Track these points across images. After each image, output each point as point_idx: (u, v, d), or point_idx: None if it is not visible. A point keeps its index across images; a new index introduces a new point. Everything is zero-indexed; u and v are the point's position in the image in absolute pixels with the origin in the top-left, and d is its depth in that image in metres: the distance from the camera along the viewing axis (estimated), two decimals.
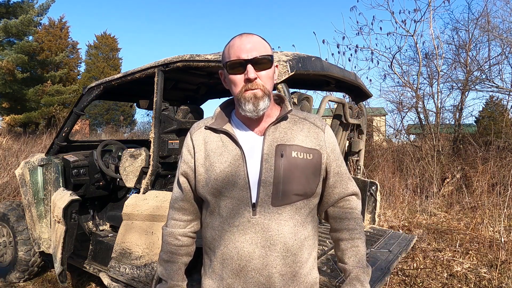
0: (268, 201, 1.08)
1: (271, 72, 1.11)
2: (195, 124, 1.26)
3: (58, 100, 18.98)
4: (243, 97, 1.07)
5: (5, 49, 16.51)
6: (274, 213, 1.08)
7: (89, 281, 3.23)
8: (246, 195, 1.08)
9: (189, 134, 1.24)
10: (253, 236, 1.08)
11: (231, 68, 1.09)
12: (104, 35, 27.91)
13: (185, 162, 1.21)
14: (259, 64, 1.07)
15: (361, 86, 2.80)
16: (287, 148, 1.11)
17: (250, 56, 1.06)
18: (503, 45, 8.58)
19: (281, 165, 1.09)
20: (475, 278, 3.33)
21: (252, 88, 1.07)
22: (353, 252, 1.19)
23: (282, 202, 1.09)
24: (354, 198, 1.26)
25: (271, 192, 1.08)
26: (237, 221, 1.09)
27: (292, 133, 1.15)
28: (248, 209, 1.08)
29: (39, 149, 8.40)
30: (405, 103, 9.07)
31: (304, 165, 1.11)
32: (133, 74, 2.40)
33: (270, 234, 1.08)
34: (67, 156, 2.96)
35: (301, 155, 1.12)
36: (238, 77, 1.08)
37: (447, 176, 6.66)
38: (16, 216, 3.17)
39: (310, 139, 1.16)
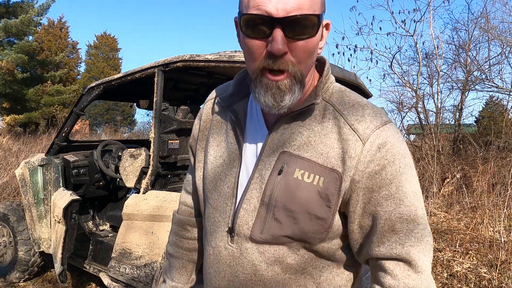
0: (246, 233, 0.73)
1: (314, 43, 0.66)
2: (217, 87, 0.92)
3: (58, 100, 18.99)
4: (260, 82, 0.67)
5: (5, 49, 16.50)
6: (253, 251, 0.73)
7: (89, 281, 3.23)
8: (228, 212, 0.76)
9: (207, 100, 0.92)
10: (226, 269, 0.76)
11: (247, 27, 0.65)
12: (104, 35, 27.90)
13: (193, 135, 0.92)
14: (296, 29, 0.63)
15: (361, 86, 2.80)
16: (291, 161, 0.71)
17: (282, 11, 0.62)
18: (502, 45, 8.59)
19: (275, 187, 0.71)
20: (475, 278, 3.33)
21: (275, 69, 0.65)
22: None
23: (264, 240, 0.72)
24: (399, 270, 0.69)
25: (252, 221, 0.73)
26: (213, 241, 0.79)
27: (311, 138, 0.72)
28: (226, 231, 0.76)
29: (39, 149, 8.40)
30: (405, 103, 9.07)
31: (309, 195, 0.70)
32: (133, 74, 2.40)
33: (243, 277, 0.74)
34: (67, 156, 2.96)
35: (310, 177, 0.70)
36: (258, 43, 0.65)
37: (447, 176, 6.66)
38: (16, 216, 3.16)
39: (336, 152, 0.70)
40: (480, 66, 8.76)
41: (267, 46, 0.64)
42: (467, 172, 6.58)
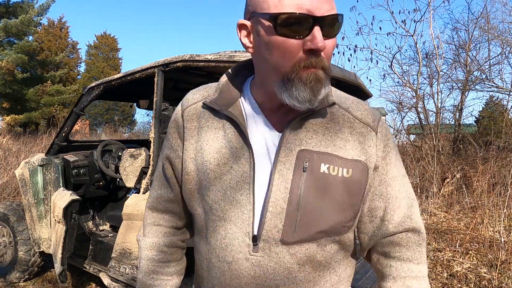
0: (276, 236, 0.72)
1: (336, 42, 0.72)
2: (189, 94, 0.85)
3: (58, 100, 19.00)
4: (299, 77, 0.67)
5: (5, 49, 16.52)
6: (285, 254, 0.72)
7: (89, 281, 3.23)
8: (247, 221, 0.73)
9: (179, 109, 0.84)
10: (251, 281, 0.73)
11: (285, 26, 0.65)
12: (104, 35, 27.91)
13: (171, 146, 0.84)
14: (330, 28, 0.67)
15: (361, 86, 2.80)
16: (314, 157, 0.73)
17: (320, 11, 0.64)
18: (503, 45, 8.59)
19: (302, 184, 0.71)
20: (475, 278, 3.33)
21: (316, 65, 0.67)
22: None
23: (298, 239, 0.72)
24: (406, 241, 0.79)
25: (282, 224, 0.72)
26: (229, 255, 0.74)
27: (326, 135, 0.75)
28: (247, 241, 0.72)
29: (39, 149, 8.40)
30: (405, 103, 9.09)
31: (338, 186, 0.72)
32: (133, 74, 2.40)
33: (276, 283, 0.73)
34: (67, 156, 2.96)
35: (335, 170, 0.72)
36: (294, 42, 0.66)
37: (447, 176, 6.66)
38: (16, 216, 3.17)
39: (354, 144, 0.76)
40: (480, 66, 8.77)
41: (303, 45, 0.66)
42: (467, 172, 6.58)
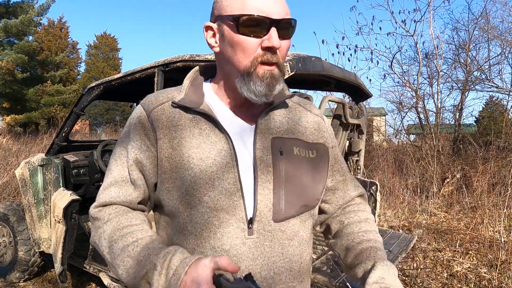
0: (268, 215, 0.79)
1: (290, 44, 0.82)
2: (150, 97, 0.88)
3: (58, 100, 19.01)
4: (256, 73, 0.76)
5: (5, 49, 16.52)
6: (277, 231, 0.80)
7: (89, 281, 3.23)
8: (239, 207, 0.78)
9: (143, 111, 0.85)
10: (250, 264, 0.78)
11: (245, 26, 0.75)
12: (104, 35, 27.92)
13: (140, 148, 0.83)
14: (285, 30, 0.77)
15: (361, 86, 2.80)
16: (286, 142, 0.84)
17: (277, 14, 0.75)
18: (503, 45, 8.59)
19: (282, 166, 0.82)
20: (475, 278, 3.33)
21: (272, 61, 0.76)
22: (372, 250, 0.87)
23: (286, 216, 0.81)
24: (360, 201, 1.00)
25: (271, 203, 0.80)
26: (226, 243, 0.78)
27: (290, 123, 0.88)
28: (242, 226, 0.78)
29: (39, 149, 8.40)
30: (405, 103, 9.08)
31: (308, 165, 0.86)
32: (133, 74, 2.40)
33: (273, 260, 0.80)
34: (67, 156, 2.96)
35: (303, 152, 0.86)
36: (253, 41, 0.75)
37: (447, 176, 6.66)
38: (16, 216, 3.17)
39: (311, 131, 0.91)
40: (480, 66, 8.77)
41: (261, 43, 0.76)
42: (467, 172, 6.58)
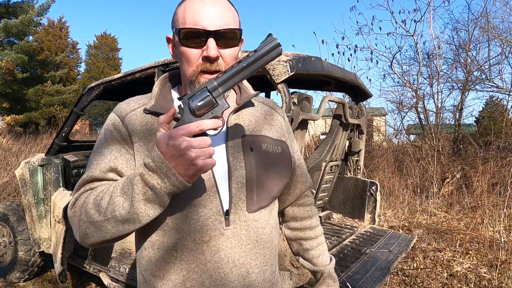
0: (242, 207, 0.87)
1: (237, 51, 0.88)
2: (122, 104, 0.93)
3: (58, 100, 19.00)
4: (198, 81, 0.84)
5: (5, 49, 16.51)
6: (251, 221, 0.88)
7: (89, 281, 3.23)
8: (215, 201, 0.85)
9: (117, 117, 0.90)
10: (229, 252, 0.85)
11: (185, 38, 0.83)
12: (104, 35, 27.90)
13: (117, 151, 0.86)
14: (224, 39, 0.83)
15: (361, 86, 2.80)
16: (255, 139, 0.92)
17: (213, 26, 0.81)
18: (503, 45, 8.59)
19: (253, 161, 0.89)
20: (475, 278, 3.33)
21: (211, 70, 0.83)
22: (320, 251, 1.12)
23: (258, 206, 0.89)
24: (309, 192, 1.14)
25: (244, 195, 0.87)
26: (206, 235, 0.84)
27: (257, 122, 0.96)
28: (219, 219, 0.85)
29: (39, 149, 8.40)
30: (405, 103, 9.09)
31: (275, 159, 0.93)
32: (133, 74, 2.40)
33: (249, 247, 0.88)
34: (67, 156, 2.96)
35: (270, 148, 0.93)
36: (194, 51, 0.83)
37: (447, 176, 6.65)
38: (16, 216, 3.17)
39: (275, 128, 0.98)
40: (480, 66, 8.77)
41: (202, 53, 0.82)
42: (467, 172, 6.58)
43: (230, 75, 0.76)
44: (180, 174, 0.72)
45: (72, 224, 0.85)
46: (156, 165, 0.72)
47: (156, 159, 0.73)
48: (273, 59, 0.76)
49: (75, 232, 0.84)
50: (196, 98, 0.76)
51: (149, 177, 0.73)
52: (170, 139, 0.71)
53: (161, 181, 0.73)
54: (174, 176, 0.72)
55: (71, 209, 0.85)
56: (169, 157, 0.71)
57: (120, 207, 0.76)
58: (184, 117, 0.77)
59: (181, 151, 0.70)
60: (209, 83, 0.76)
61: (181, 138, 0.70)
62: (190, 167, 0.71)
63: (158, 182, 0.73)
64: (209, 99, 0.76)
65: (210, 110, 0.77)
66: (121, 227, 0.78)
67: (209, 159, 0.71)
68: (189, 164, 0.70)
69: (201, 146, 0.71)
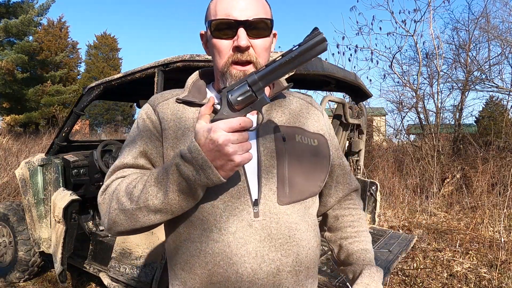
0: (273, 198, 0.82)
1: (269, 42, 0.86)
2: (156, 95, 0.95)
3: (58, 100, 19.00)
4: (230, 73, 0.83)
5: (5, 49, 16.51)
6: (282, 214, 0.82)
7: (89, 281, 3.23)
8: (243, 191, 0.81)
9: (149, 106, 0.92)
10: (257, 245, 0.79)
11: (217, 30, 0.82)
12: (104, 35, 27.90)
13: (148, 138, 0.88)
14: (255, 29, 0.82)
15: (361, 86, 2.80)
16: (288, 130, 0.88)
17: (244, 16, 0.80)
18: (503, 45, 8.59)
19: (285, 151, 0.84)
20: (475, 278, 3.33)
21: (242, 60, 0.81)
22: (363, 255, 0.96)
23: (290, 199, 0.83)
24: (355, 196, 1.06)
25: (275, 186, 0.82)
26: (233, 226, 0.79)
27: (291, 114, 0.92)
28: (247, 209, 0.80)
29: (39, 149, 8.40)
30: (405, 103, 9.08)
31: (310, 152, 0.88)
32: (133, 74, 2.40)
33: (280, 242, 0.81)
34: (67, 156, 2.96)
35: (305, 140, 0.89)
36: (225, 43, 0.82)
37: (447, 176, 6.65)
38: (16, 216, 3.16)
39: (311, 121, 0.94)
40: (480, 66, 8.76)
41: (233, 44, 0.82)
42: (467, 172, 6.58)
43: (271, 69, 0.73)
44: (216, 168, 0.70)
45: (101, 211, 0.84)
46: (192, 156, 0.71)
47: (193, 150, 0.71)
48: (317, 55, 0.71)
49: (103, 219, 0.83)
50: (236, 92, 0.74)
51: (184, 168, 0.72)
52: (209, 132, 0.69)
53: (196, 173, 0.71)
54: (210, 169, 0.70)
55: (101, 196, 0.84)
56: (206, 151, 0.70)
57: (154, 197, 0.75)
58: (222, 110, 0.75)
59: (219, 146, 0.68)
60: (250, 76, 0.74)
61: (220, 132, 0.68)
62: (228, 162, 0.70)
63: (193, 174, 0.71)
64: (249, 94, 0.73)
65: (249, 105, 0.75)
66: (152, 216, 0.77)
67: (246, 154, 0.70)
68: (226, 159, 0.69)
69: (239, 141, 0.70)
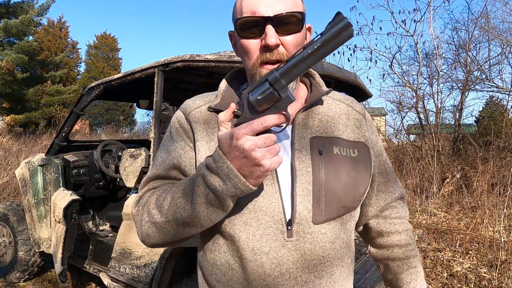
0: (308, 217, 0.76)
1: (301, 38, 0.78)
2: (188, 101, 0.90)
3: (58, 100, 18.99)
4: (259, 73, 0.76)
5: (5, 49, 16.50)
6: (317, 234, 0.77)
7: (89, 281, 3.23)
8: (277, 208, 0.76)
9: (182, 114, 0.87)
10: (291, 267, 0.76)
11: (243, 29, 0.77)
12: (104, 35, 27.89)
13: (181, 148, 0.84)
14: (285, 25, 0.75)
15: (361, 86, 2.80)
16: (326, 142, 0.81)
17: (271, 11, 0.73)
18: (503, 45, 8.59)
19: (322, 166, 0.79)
20: (475, 278, 3.33)
21: (272, 59, 0.75)
22: (412, 276, 0.94)
23: (327, 217, 0.78)
24: (401, 204, 0.98)
25: (311, 204, 0.77)
26: (265, 245, 0.76)
27: (330, 122, 0.85)
28: (281, 228, 0.76)
29: (39, 149, 8.40)
30: (405, 103, 9.08)
31: (349, 165, 0.82)
32: (133, 74, 2.40)
33: (314, 263, 0.77)
34: (67, 156, 2.96)
35: (344, 151, 0.82)
36: (253, 42, 0.76)
37: (447, 176, 6.65)
38: (16, 216, 3.17)
39: (352, 128, 0.87)
40: (480, 66, 8.77)
41: (261, 43, 0.75)
42: (467, 172, 6.58)
43: (293, 64, 0.66)
44: (244, 176, 0.66)
45: (135, 223, 0.82)
46: (217, 166, 0.67)
47: (217, 159, 0.67)
48: (343, 43, 0.64)
49: (138, 231, 0.81)
50: (256, 92, 0.68)
51: (211, 178, 0.68)
52: (232, 139, 0.64)
53: (222, 183, 0.67)
54: (237, 177, 0.66)
55: (135, 208, 0.83)
56: (232, 159, 0.65)
57: (182, 209, 0.72)
58: (245, 113, 0.70)
59: (245, 152, 0.63)
60: (270, 74, 0.68)
61: (244, 137, 0.63)
62: (256, 168, 0.64)
63: (220, 184, 0.67)
64: (271, 92, 0.67)
65: (273, 105, 0.68)
66: (181, 229, 0.75)
67: (276, 157, 0.65)
68: (254, 165, 0.64)
69: (267, 144, 0.64)
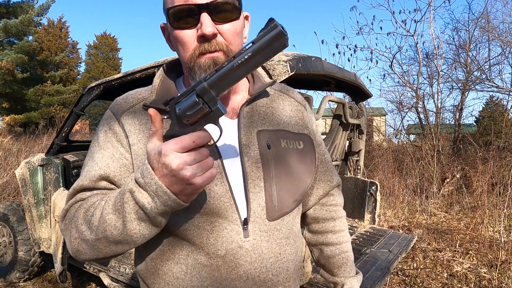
0: (262, 214, 0.74)
1: (240, 26, 0.73)
2: (118, 100, 0.81)
3: (58, 100, 19.00)
4: (197, 65, 0.71)
5: (5, 49, 16.51)
6: (273, 231, 0.76)
7: (89, 281, 3.23)
8: (231, 209, 0.72)
9: (112, 115, 0.79)
10: (248, 268, 0.73)
11: (176, 19, 0.70)
12: (104, 35, 27.89)
13: (110, 157, 0.75)
14: (221, 12, 0.69)
15: (361, 86, 2.80)
16: (272, 135, 0.79)
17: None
18: (503, 45, 8.59)
19: (271, 161, 0.76)
20: (475, 278, 3.33)
21: (210, 50, 0.70)
22: (343, 260, 0.97)
23: (280, 213, 0.77)
24: (337, 192, 1.00)
25: (264, 201, 0.74)
26: (221, 248, 0.72)
27: (274, 114, 0.82)
28: (236, 229, 0.72)
29: (39, 149, 8.40)
30: (405, 103, 9.09)
31: (297, 157, 0.80)
32: (133, 74, 2.40)
33: (271, 261, 0.75)
34: (67, 156, 2.96)
35: (291, 144, 0.80)
36: (188, 33, 0.70)
37: (447, 176, 6.65)
38: (16, 216, 3.17)
39: (296, 120, 0.86)
40: (480, 66, 8.77)
41: (197, 32, 0.70)
42: (467, 172, 6.58)
43: (222, 75, 0.60)
44: (175, 194, 0.61)
45: (64, 237, 0.75)
46: (145, 182, 0.61)
47: (145, 174, 0.61)
48: (276, 53, 0.59)
49: (68, 246, 0.74)
50: (183, 104, 0.61)
51: (139, 194, 0.62)
52: (160, 155, 0.59)
53: (151, 200, 0.61)
54: (166, 195, 0.60)
55: (62, 222, 0.76)
56: (160, 176, 0.60)
57: (112, 227, 0.65)
58: (173, 126, 0.64)
59: (173, 171, 0.58)
60: (198, 84, 0.61)
61: (172, 155, 0.58)
62: (187, 186, 0.60)
63: (149, 201, 0.62)
64: (200, 107, 0.60)
65: (203, 118, 0.62)
66: (114, 247, 0.68)
67: (208, 173, 0.60)
68: (184, 184, 0.59)
69: (197, 160, 0.59)
